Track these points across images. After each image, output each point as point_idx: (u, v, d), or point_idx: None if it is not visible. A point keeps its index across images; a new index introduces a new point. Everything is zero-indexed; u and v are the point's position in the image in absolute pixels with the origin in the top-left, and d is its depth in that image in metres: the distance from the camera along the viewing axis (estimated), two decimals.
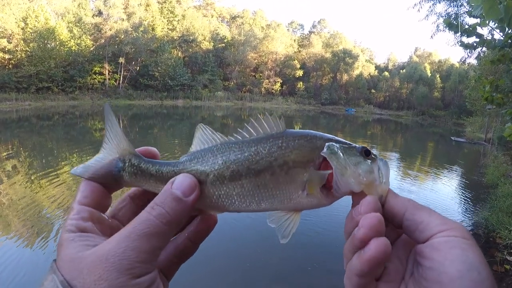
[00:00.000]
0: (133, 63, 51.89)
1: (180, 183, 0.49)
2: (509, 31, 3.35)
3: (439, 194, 9.82)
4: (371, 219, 0.44)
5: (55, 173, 9.13)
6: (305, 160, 0.51)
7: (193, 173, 0.52)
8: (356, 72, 72.14)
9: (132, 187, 0.57)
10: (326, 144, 0.51)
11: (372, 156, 0.51)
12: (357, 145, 0.52)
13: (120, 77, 50.35)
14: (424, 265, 0.41)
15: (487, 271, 0.37)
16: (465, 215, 7.93)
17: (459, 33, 3.50)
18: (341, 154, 0.50)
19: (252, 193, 0.51)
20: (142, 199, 0.57)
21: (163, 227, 0.44)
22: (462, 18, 12.20)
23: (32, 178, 8.71)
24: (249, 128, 0.54)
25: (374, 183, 0.48)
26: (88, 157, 11.59)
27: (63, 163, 10.55)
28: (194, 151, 0.55)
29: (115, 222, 0.53)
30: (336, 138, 0.54)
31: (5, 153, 11.81)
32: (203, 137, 0.56)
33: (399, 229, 0.47)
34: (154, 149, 0.58)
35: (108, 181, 0.53)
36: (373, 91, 74.98)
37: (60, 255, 0.43)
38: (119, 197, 0.59)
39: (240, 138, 0.54)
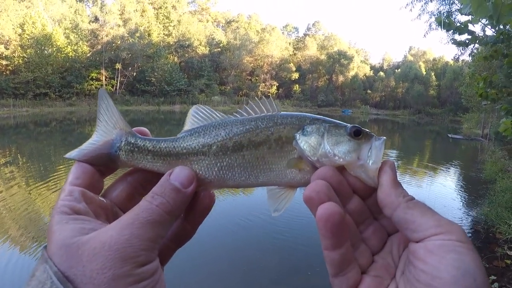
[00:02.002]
0: (130, 68, 51.91)
1: (178, 174, 0.48)
2: (501, 27, 3.43)
3: (437, 191, 9.87)
4: (313, 183, 0.45)
5: (53, 178, 9.12)
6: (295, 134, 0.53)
7: (195, 145, 0.53)
8: (352, 73, 72.45)
9: (127, 167, 0.56)
10: (304, 126, 0.53)
11: (365, 135, 0.51)
12: (349, 125, 0.52)
13: (117, 83, 50.35)
14: (417, 266, 0.39)
15: (482, 277, 0.36)
16: (464, 211, 7.99)
17: (451, 31, 3.57)
18: (316, 134, 0.52)
19: (252, 164, 0.53)
20: (137, 179, 0.56)
21: (166, 216, 0.44)
22: (454, 16, 12.34)
23: (30, 184, 8.70)
24: (248, 108, 0.56)
25: (355, 163, 0.49)
26: None
27: (60, 169, 10.54)
28: (194, 127, 0.56)
29: (108, 203, 0.51)
30: (328, 119, 0.55)
31: (2, 160, 11.80)
32: (200, 115, 0.57)
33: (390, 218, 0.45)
34: (145, 129, 0.57)
35: (104, 162, 0.53)
36: (369, 91, 75.23)
37: (52, 241, 0.40)
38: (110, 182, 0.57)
39: (239, 116, 0.56)
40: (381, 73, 77.18)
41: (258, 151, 0.52)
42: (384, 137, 0.52)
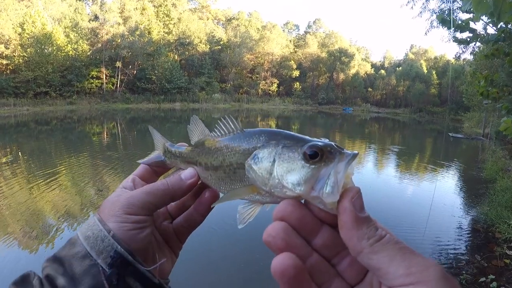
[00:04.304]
0: (130, 67, 51.92)
1: (185, 172, 0.66)
2: (502, 25, 3.39)
3: (438, 189, 9.84)
4: (270, 227, 0.43)
5: (54, 177, 9.12)
6: (245, 162, 0.53)
7: (192, 156, 0.68)
8: (353, 71, 72.31)
9: (172, 167, 0.77)
10: (254, 152, 0.50)
11: (326, 156, 0.44)
12: (308, 143, 0.45)
13: (117, 81, 50.39)
14: None
15: None
16: (464, 210, 7.98)
17: (453, 28, 3.53)
18: (267, 161, 0.48)
19: (218, 182, 0.60)
20: None
21: (160, 191, 0.60)
22: (455, 14, 12.27)
23: (31, 182, 8.70)
24: (215, 129, 0.64)
25: (307, 195, 0.43)
26: (86, 161, 11.55)
27: (61, 167, 10.55)
28: (199, 140, 0.69)
29: None
30: (287, 136, 0.50)
31: (4, 158, 11.81)
32: (197, 129, 0.71)
33: None
34: (185, 144, 0.77)
35: (159, 165, 0.75)
36: (370, 89, 75.06)
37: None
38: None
39: (214, 134, 0.65)
40: (382, 71, 76.99)
41: (217, 173, 0.59)
42: (356, 152, 0.44)
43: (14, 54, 38.56)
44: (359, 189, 0.42)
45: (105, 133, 21.80)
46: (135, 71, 52.37)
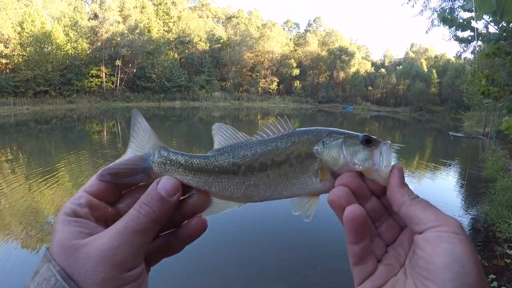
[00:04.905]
0: (130, 65, 51.91)
1: (165, 184, 0.52)
2: (504, 24, 3.36)
3: (438, 189, 9.85)
4: (336, 189, 0.53)
5: (54, 176, 9.13)
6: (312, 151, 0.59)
7: (226, 165, 0.57)
8: (353, 70, 72.28)
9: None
10: (322, 140, 0.58)
11: (374, 142, 0.57)
12: (360, 135, 0.58)
13: (117, 80, 50.37)
14: (417, 254, 0.45)
15: (471, 264, 0.41)
16: (464, 209, 7.97)
17: (454, 27, 3.50)
18: (336, 146, 0.57)
19: (276, 182, 0.58)
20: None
21: (151, 225, 0.48)
22: (456, 13, 12.22)
23: (31, 181, 8.70)
24: (265, 129, 0.61)
25: (371, 168, 0.54)
26: (86, 160, 11.51)
27: (61, 166, 10.54)
28: (221, 147, 0.60)
29: (112, 211, 0.54)
30: (341, 130, 0.60)
31: (4, 158, 11.80)
32: (225, 135, 0.61)
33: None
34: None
35: (137, 178, 0.56)
36: (370, 88, 75.03)
37: (54, 240, 0.45)
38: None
39: (259, 137, 0.60)
40: (383, 70, 76.96)
41: (280, 169, 0.58)
42: (389, 142, 0.57)
43: (13, 53, 38.55)
44: (402, 166, 0.55)
45: (105, 131, 21.80)
46: (135, 70, 52.35)
